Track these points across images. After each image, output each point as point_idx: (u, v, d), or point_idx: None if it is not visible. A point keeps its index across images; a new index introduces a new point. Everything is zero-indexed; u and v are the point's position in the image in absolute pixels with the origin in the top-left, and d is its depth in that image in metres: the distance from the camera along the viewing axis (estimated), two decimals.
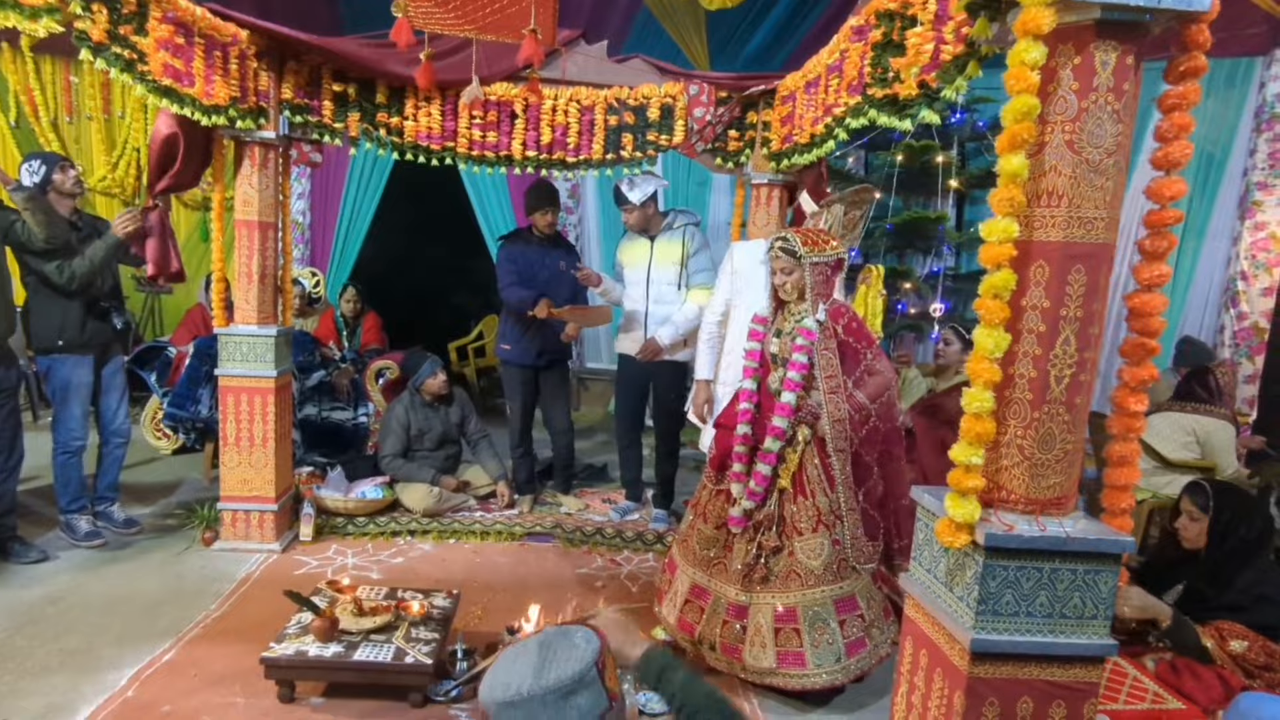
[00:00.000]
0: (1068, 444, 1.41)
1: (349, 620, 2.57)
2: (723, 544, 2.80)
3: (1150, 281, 1.41)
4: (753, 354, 2.86)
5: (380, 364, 4.93)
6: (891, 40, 2.32)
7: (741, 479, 2.74)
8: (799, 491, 2.65)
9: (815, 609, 2.57)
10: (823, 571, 2.59)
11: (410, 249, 7.92)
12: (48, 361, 3.56)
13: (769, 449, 2.67)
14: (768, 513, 2.69)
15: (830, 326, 2.66)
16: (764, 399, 2.82)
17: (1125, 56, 1.32)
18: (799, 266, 2.66)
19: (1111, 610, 1.42)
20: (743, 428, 2.79)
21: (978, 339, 1.39)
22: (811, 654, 2.54)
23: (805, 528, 2.61)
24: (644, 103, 3.72)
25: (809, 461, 2.65)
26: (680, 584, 2.89)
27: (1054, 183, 1.35)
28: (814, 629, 2.56)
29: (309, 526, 3.80)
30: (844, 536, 2.63)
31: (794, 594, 2.59)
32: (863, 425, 2.67)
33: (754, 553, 2.67)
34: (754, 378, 2.84)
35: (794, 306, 2.74)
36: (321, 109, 3.53)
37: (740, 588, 2.68)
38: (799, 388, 2.65)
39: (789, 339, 2.71)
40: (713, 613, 2.74)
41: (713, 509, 2.85)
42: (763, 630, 2.60)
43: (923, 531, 1.61)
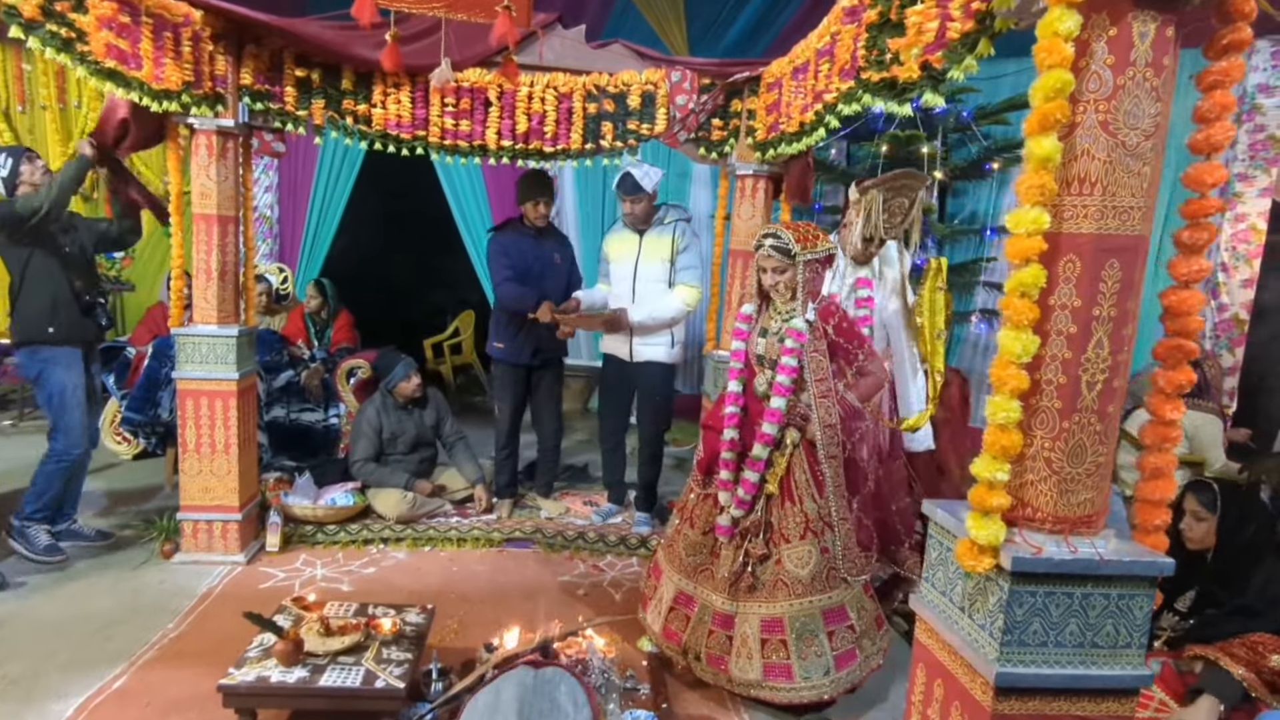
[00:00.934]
0: (1099, 456, 1.28)
1: (315, 641, 2.40)
2: (710, 550, 2.69)
3: (1188, 277, 1.29)
4: (738, 354, 2.73)
5: (351, 363, 4.73)
6: (889, 20, 2.19)
7: (729, 487, 2.64)
8: (786, 497, 2.54)
9: (803, 620, 2.47)
10: (810, 581, 2.48)
11: (384, 243, 7.70)
12: (37, 366, 3.35)
13: (757, 456, 2.56)
14: (755, 520, 2.58)
15: (820, 326, 2.54)
16: (750, 401, 2.70)
17: (1165, 28, 1.19)
18: (793, 265, 2.51)
19: (1146, 637, 1.30)
20: (729, 432, 2.68)
21: (1003, 342, 1.25)
22: (799, 666, 2.45)
23: (793, 535, 2.51)
24: (624, 90, 3.56)
25: (797, 466, 2.54)
26: (665, 591, 2.78)
27: (1086, 168, 1.22)
28: (802, 641, 2.46)
29: (276, 536, 3.61)
30: (834, 545, 2.52)
31: (781, 604, 2.49)
32: (856, 428, 2.57)
33: (741, 560, 2.57)
34: (739, 379, 2.72)
35: (781, 305, 2.61)
36: (283, 95, 3.33)
37: (727, 596, 2.58)
38: (789, 392, 2.53)
39: (775, 339, 2.58)
40: (699, 622, 2.65)
41: (700, 513, 2.74)
42: (749, 641, 2.51)
43: (936, 550, 1.48)
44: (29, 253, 3.31)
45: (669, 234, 3.80)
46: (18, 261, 3.32)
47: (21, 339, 3.38)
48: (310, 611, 2.60)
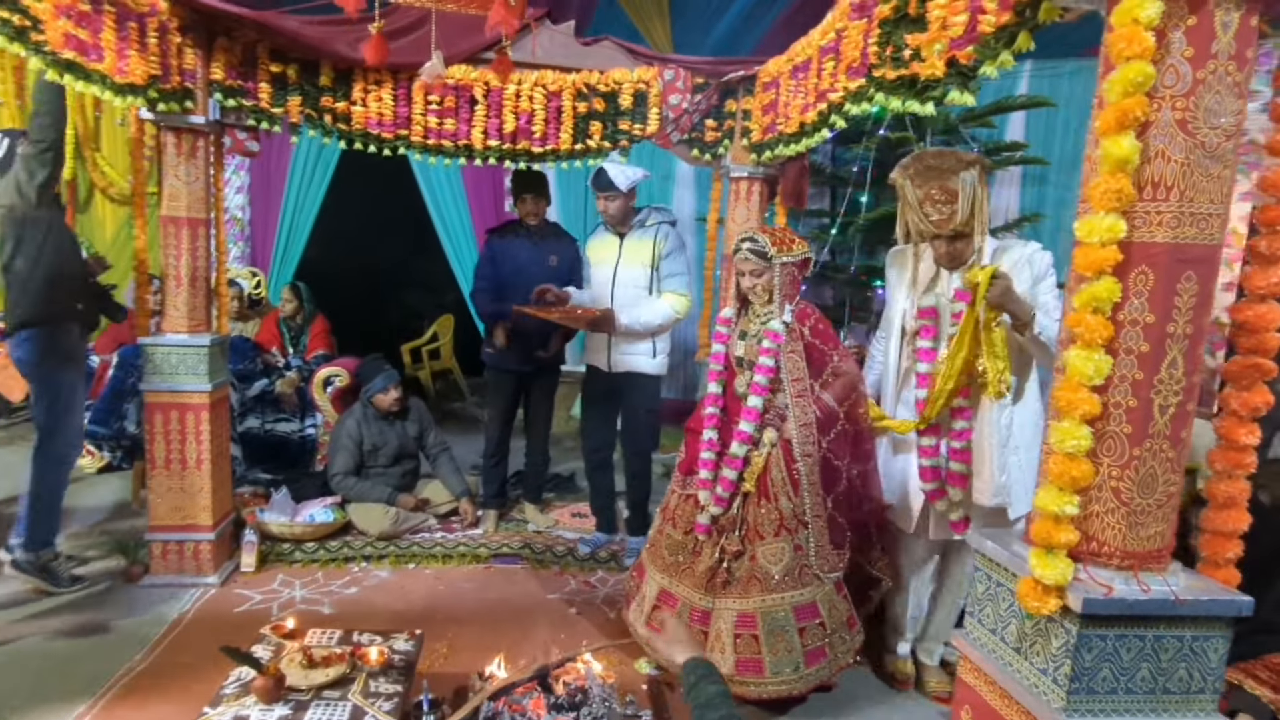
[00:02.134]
0: (1170, 485, 1.18)
1: (297, 674, 2.24)
2: (691, 549, 2.71)
3: (1265, 291, 1.19)
4: (717, 357, 2.79)
5: (328, 371, 4.54)
6: (906, 14, 2.08)
7: (708, 485, 2.68)
8: (762, 495, 2.59)
9: (774, 615, 2.53)
10: (783, 577, 2.54)
11: (359, 246, 7.48)
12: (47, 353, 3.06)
13: (735, 454, 2.62)
14: (731, 516, 2.63)
15: (796, 329, 2.61)
16: (729, 403, 2.75)
17: (1249, 17, 1.09)
18: (769, 268, 2.58)
19: (1221, 683, 1.20)
20: (709, 433, 2.72)
21: (1071, 362, 1.14)
22: (769, 661, 2.50)
23: (767, 532, 2.56)
24: (615, 89, 3.43)
25: (774, 465, 2.58)
26: (648, 589, 2.80)
27: (1161, 171, 1.11)
28: (772, 636, 2.51)
29: (251, 555, 3.42)
30: (807, 543, 2.58)
31: (754, 599, 2.55)
32: (830, 428, 2.62)
33: (716, 556, 2.61)
34: (719, 381, 2.78)
35: (759, 308, 2.68)
36: (258, 92, 3.15)
37: (704, 592, 2.62)
38: (766, 392, 2.60)
39: (754, 341, 2.65)
40: (680, 619, 2.61)
41: (681, 514, 2.76)
42: (723, 636, 2.55)
43: (984, 585, 1.37)
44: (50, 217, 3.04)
45: (650, 237, 3.59)
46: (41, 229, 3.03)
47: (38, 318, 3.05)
48: (291, 641, 2.44)
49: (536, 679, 2.44)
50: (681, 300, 3.55)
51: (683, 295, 3.56)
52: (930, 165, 2.28)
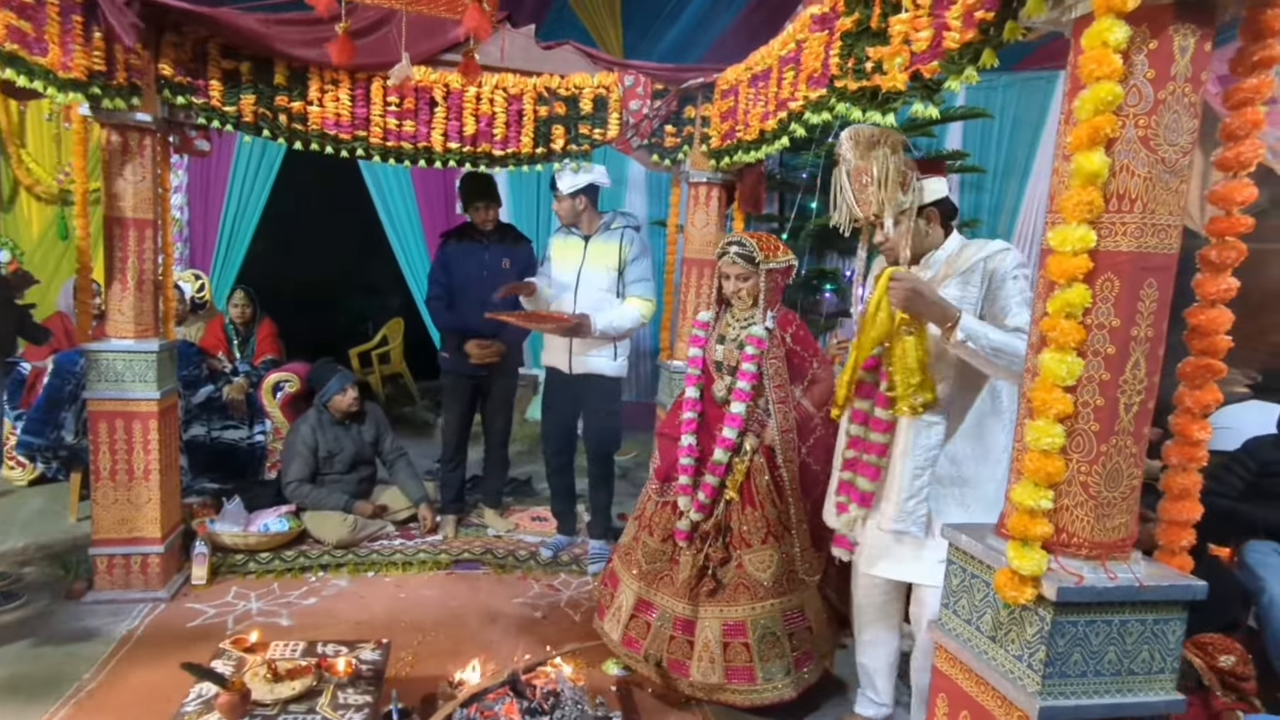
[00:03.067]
0: (1134, 479, 1.26)
1: (262, 689, 2.18)
2: (669, 557, 2.71)
3: (1216, 297, 1.28)
4: (695, 361, 2.77)
5: (278, 376, 4.43)
6: (868, 28, 2.15)
7: (689, 491, 2.67)
8: (747, 502, 2.59)
9: (764, 623, 2.55)
10: (771, 584, 2.56)
11: (305, 247, 7.29)
12: None
13: (718, 461, 2.62)
14: (714, 523, 2.63)
15: (779, 335, 2.63)
16: (707, 407, 2.74)
17: (1203, 43, 1.17)
18: (756, 273, 2.59)
19: (1178, 662, 1.29)
20: (688, 438, 2.71)
21: (1046, 364, 1.21)
22: (761, 668, 2.52)
23: (754, 539, 2.57)
24: (576, 93, 3.44)
25: (758, 472, 2.60)
26: (624, 598, 2.78)
27: (1125, 185, 1.19)
28: (763, 643, 2.54)
29: (203, 568, 3.31)
30: (793, 549, 2.60)
31: (742, 607, 2.56)
32: (809, 434, 2.66)
33: (701, 563, 2.62)
34: (697, 385, 2.76)
35: (740, 312, 2.69)
36: (208, 89, 3.05)
37: (687, 601, 2.62)
38: (749, 398, 2.60)
39: (734, 346, 2.66)
40: (659, 628, 2.66)
41: (658, 521, 2.75)
42: (711, 645, 2.56)
43: (959, 577, 1.43)
44: None
45: (615, 241, 3.60)
46: None
47: None
48: (253, 654, 2.37)
49: (508, 684, 2.43)
50: (648, 305, 3.57)
51: (649, 300, 3.58)
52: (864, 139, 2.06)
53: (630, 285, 3.59)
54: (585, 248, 3.62)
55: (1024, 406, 1.30)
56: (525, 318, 3.48)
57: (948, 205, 2.15)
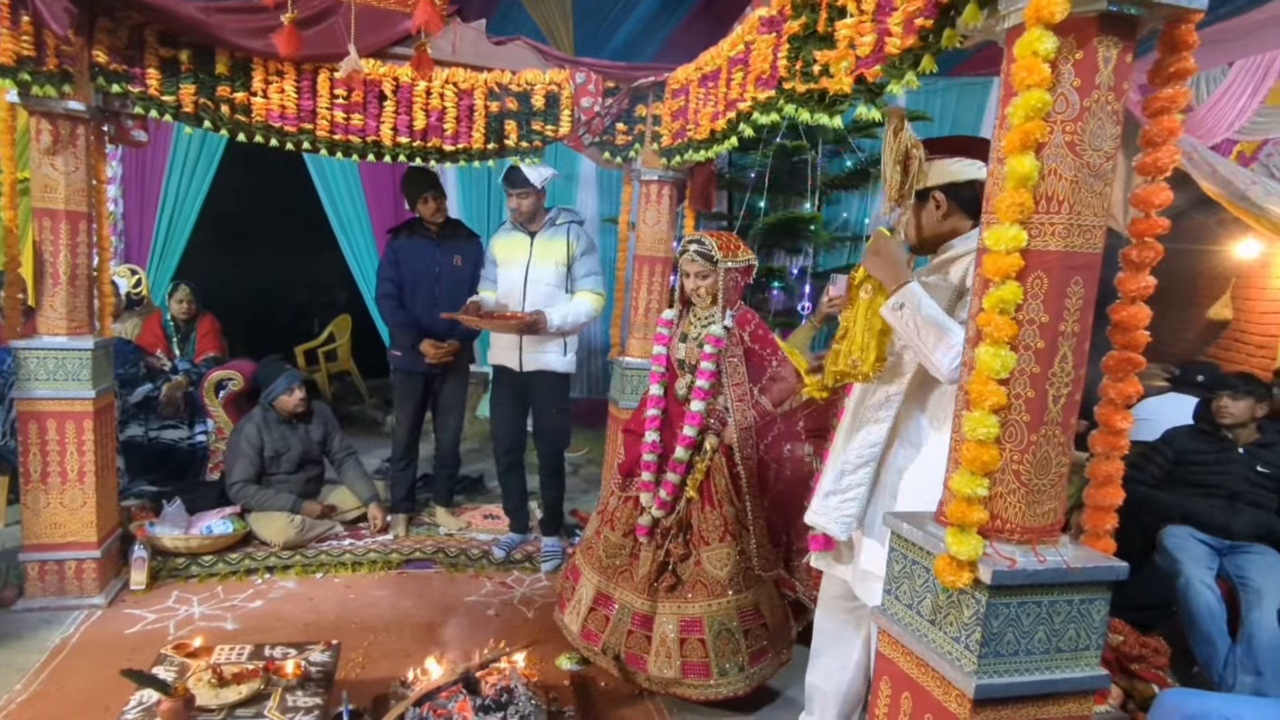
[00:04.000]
0: (1061, 467, 1.33)
1: (207, 694, 2.14)
2: (629, 552, 2.75)
3: (1136, 293, 1.36)
4: (659, 358, 2.81)
5: (221, 374, 4.31)
6: (815, 32, 2.20)
7: (651, 488, 2.71)
8: (706, 501, 2.63)
9: (720, 619, 2.58)
10: (728, 581, 2.60)
11: (248, 242, 7.10)
12: None
13: (679, 458, 2.66)
14: (675, 520, 2.67)
15: (737, 333, 2.67)
16: (670, 405, 2.79)
17: (1125, 54, 1.24)
18: (714, 271, 2.63)
19: (1102, 639, 1.36)
20: (651, 435, 2.75)
21: (982, 358, 1.27)
22: (716, 664, 2.56)
23: (712, 537, 2.61)
24: (528, 89, 3.43)
25: (717, 472, 2.63)
26: (584, 591, 2.81)
27: (1054, 187, 1.25)
28: (719, 639, 2.57)
29: (142, 572, 3.21)
30: (750, 546, 2.64)
31: (700, 604, 2.60)
32: (768, 431, 2.70)
33: (661, 559, 2.65)
34: (661, 383, 2.81)
35: (700, 311, 2.73)
36: (145, 78, 2.95)
37: (645, 597, 2.65)
38: (708, 395, 2.65)
39: (695, 344, 2.69)
40: (618, 622, 2.70)
41: (620, 515, 2.78)
42: (668, 641, 2.60)
43: (899, 563, 1.49)
44: None
45: (562, 236, 3.60)
46: None
47: None
48: (197, 659, 2.32)
49: (461, 682, 2.43)
50: (599, 299, 3.59)
51: (600, 294, 3.60)
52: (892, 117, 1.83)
53: (580, 280, 3.60)
54: (531, 245, 3.60)
55: (961, 399, 1.36)
56: (481, 318, 3.45)
57: (967, 191, 1.84)
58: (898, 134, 1.77)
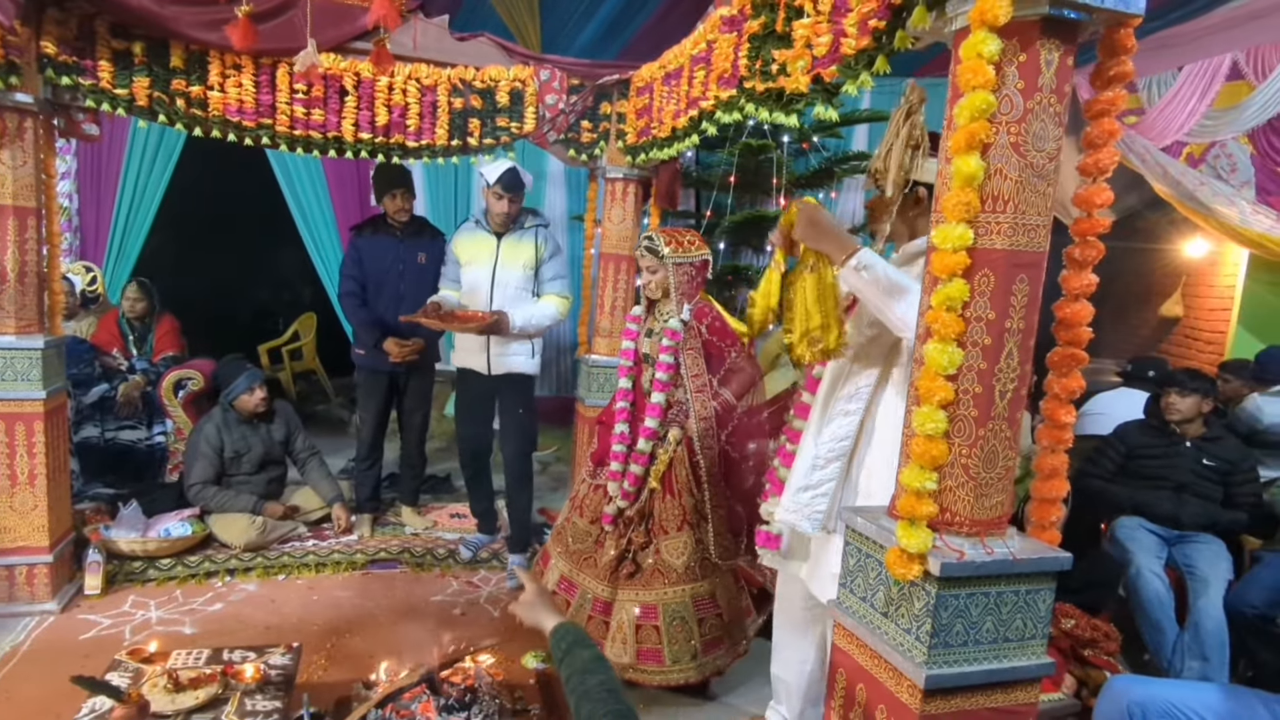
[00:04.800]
0: (1008, 460, 1.36)
1: (162, 700, 2.11)
2: (595, 539, 2.80)
3: (1079, 291, 1.39)
4: (627, 353, 2.88)
5: (180, 374, 4.22)
6: (774, 31, 2.22)
7: (617, 477, 2.77)
8: (667, 491, 2.69)
9: (675, 607, 2.63)
10: (684, 570, 2.65)
11: (209, 238, 6.97)
12: None
13: (641, 449, 2.72)
14: (639, 509, 2.73)
15: (695, 327, 2.73)
16: (639, 398, 2.86)
17: (1066, 57, 1.27)
18: (662, 266, 2.69)
19: (1048, 629, 1.40)
20: (620, 426, 2.82)
21: (930, 355, 1.29)
22: (669, 651, 2.61)
23: (670, 527, 2.67)
24: (492, 85, 3.41)
25: (679, 463, 2.69)
26: (551, 575, 2.88)
27: (999, 187, 1.28)
28: (672, 626, 2.62)
29: (96, 577, 3.14)
30: (707, 536, 2.69)
31: (656, 591, 2.65)
32: (728, 422, 2.76)
33: (623, 546, 2.71)
34: (629, 376, 2.87)
35: (662, 306, 2.79)
36: (97, 70, 2.88)
37: (606, 584, 2.71)
38: (667, 388, 2.71)
39: (657, 339, 2.75)
40: (579, 606, 2.75)
41: (589, 502, 2.85)
42: (624, 627, 2.64)
43: (854, 557, 1.51)
44: None
45: (530, 239, 3.53)
46: None
47: None
48: (152, 664, 2.29)
49: (424, 682, 2.42)
50: (565, 302, 3.56)
51: (566, 297, 3.57)
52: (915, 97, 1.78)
53: (547, 283, 3.54)
54: (498, 246, 3.52)
55: (911, 394, 1.39)
56: (441, 318, 3.37)
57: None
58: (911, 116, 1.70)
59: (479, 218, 3.56)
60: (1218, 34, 3.79)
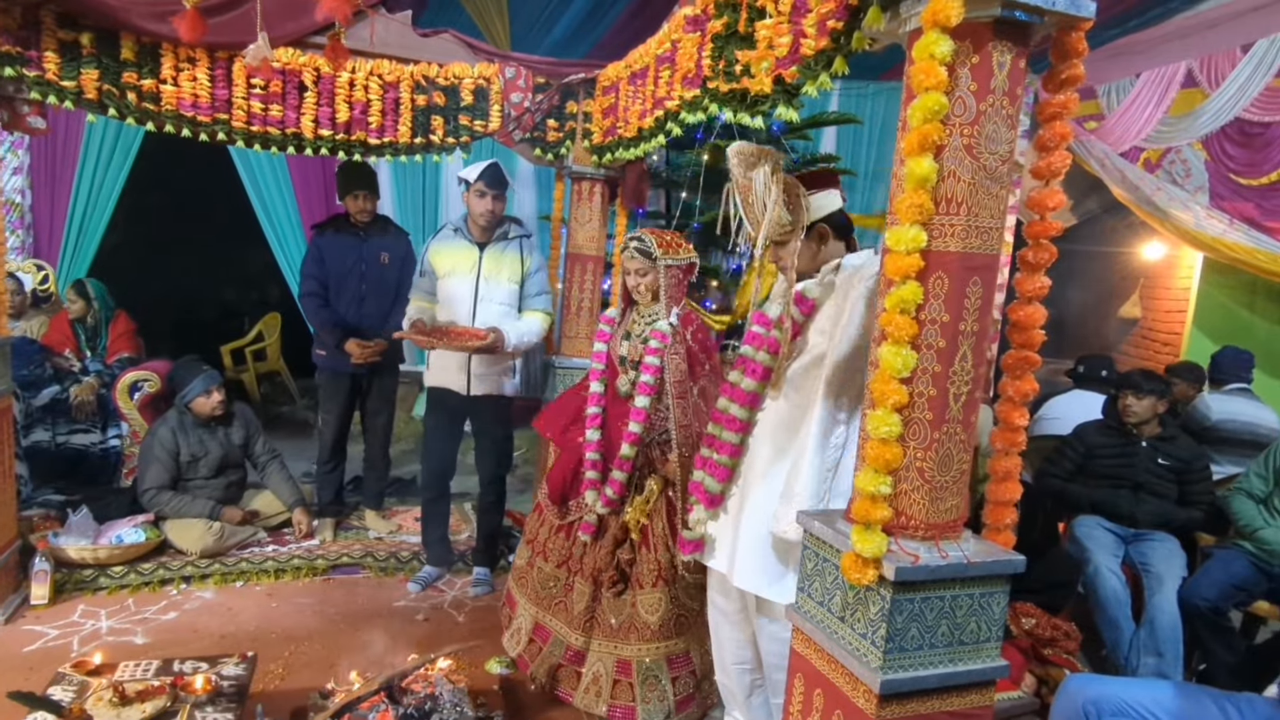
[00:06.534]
0: (963, 463, 1.36)
1: (107, 715, 2.03)
2: (564, 583, 2.72)
3: (1032, 294, 1.39)
4: (599, 355, 2.78)
5: (135, 375, 4.11)
6: (737, 31, 2.21)
7: (596, 485, 2.67)
8: (644, 544, 2.62)
9: (648, 664, 2.59)
10: (659, 628, 2.58)
11: (169, 236, 6.81)
12: None
13: (625, 455, 2.61)
14: (620, 525, 2.63)
15: (682, 332, 2.65)
16: (610, 403, 2.75)
17: (1019, 60, 1.27)
18: (654, 268, 2.62)
19: (1002, 631, 1.40)
20: (592, 433, 2.72)
21: (884, 357, 1.29)
22: (641, 709, 2.56)
23: (646, 581, 2.61)
24: (455, 83, 3.37)
25: (657, 517, 2.62)
26: (523, 621, 2.80)
27: (952, 189, 1.28)
28: (645, 684, 2.58)
29: (43, 586, 3.05)
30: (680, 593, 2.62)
31: (632, 647, 2.60)
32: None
33: (613, 564, 2.62)
34: (601, 380, 2.77)
35: (644, 308, 2.72)
36: (43, 61, 2.79)
37: (580, 632, 2.64)
38: (653, 392, 2.62)
39: (639, 341, 2.68)
40: (551, 651, 2.70)
41: (553, 546, 2.75)
42: (601, 680, 2.61)
43: (812, 561, 1.50)
44: None
45: (515, 251, 3.33)
46: None
47: None
48: (98, 677, 2.21)
49: (384, 690, 2.37)
50: (549, 320, 3.42)
51: (550, 314, 3.42)
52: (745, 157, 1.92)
53: (531, 299, 3.35)
54: (480, 257, 3.30)
55: (866, 398, 1.38)
56: (432, 335, 3.14)
57: (840, 218, 1.97)
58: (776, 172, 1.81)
59: (458, 225, 3.34)
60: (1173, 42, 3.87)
